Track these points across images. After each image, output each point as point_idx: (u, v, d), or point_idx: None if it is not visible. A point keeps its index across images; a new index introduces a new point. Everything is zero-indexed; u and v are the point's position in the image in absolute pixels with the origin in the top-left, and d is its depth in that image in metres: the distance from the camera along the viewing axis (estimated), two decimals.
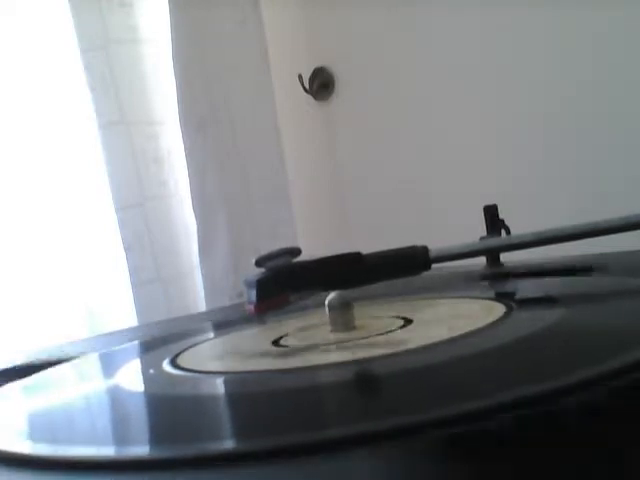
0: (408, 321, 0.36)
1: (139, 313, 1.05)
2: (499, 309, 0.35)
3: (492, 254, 0.55)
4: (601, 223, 0.46)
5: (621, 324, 0.30)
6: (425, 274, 0.48)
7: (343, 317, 0.36)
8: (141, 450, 0.23)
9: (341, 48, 1.17)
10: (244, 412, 0.26)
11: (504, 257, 0.55)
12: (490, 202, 0.57)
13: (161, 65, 1.09)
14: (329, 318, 0.36)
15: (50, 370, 0.40)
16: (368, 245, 0.49)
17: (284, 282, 0.44)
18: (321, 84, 1.18)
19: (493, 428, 0.19)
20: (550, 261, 0.53)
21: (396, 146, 1.10)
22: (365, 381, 0.28)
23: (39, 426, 0.29)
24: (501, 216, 0.57)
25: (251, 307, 0.45)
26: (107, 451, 0.23)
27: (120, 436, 0.25)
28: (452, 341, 0.30)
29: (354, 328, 0.36)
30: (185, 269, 1.11)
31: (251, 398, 0.27)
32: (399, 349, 0.30)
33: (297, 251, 0.46)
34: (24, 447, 0.24)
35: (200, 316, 0.68)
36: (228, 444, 0.23)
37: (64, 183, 1.05)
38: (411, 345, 0.30)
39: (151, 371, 0.35)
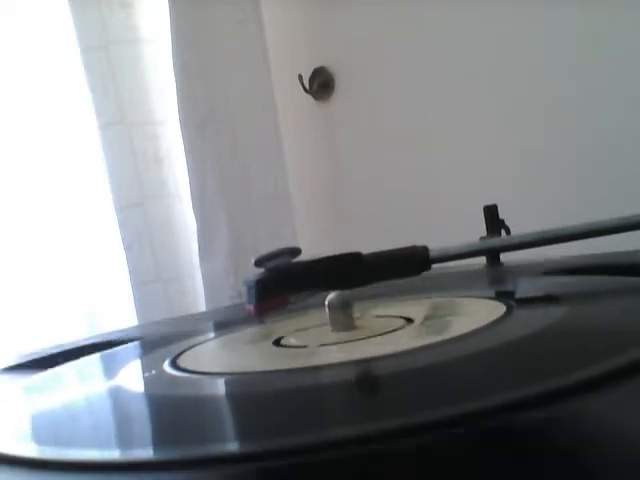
0: (408, 321, 0.36)
1: (139, 313, 1.05)
2: (499, 309, 0.35)
3: (492, 254, 0.55)
4: (601, 223, 0.46)
5: (621, 324, 0.30)
6: (425, 274, 0.48)
7: (343, 317, 0.36)
8: (143, 451, 0.23)
9: (341, 48, 1.17)
10: (245, 413, 0.26)
11: (504, 257, 0.55)
12: (490, 202, 0.57)
13: (161, 65, 1.09)
14: (329, 318, 0.36)
15: (51, 371, 0.40)
16: (368, 245, 0.49)
17: (284, 282, 0.44)
18: (321, 84, 1.18)
19: (493, 428, 0.19)
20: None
21: (396, 146, 1.10)
22: (365, 381, 0.28)
23: (40, 428, 0.29)
24: (501, 216, 0.57)
25: (251, 307, 0.45)
26: (108, 452, 0.23)
27: (122, 437, 0.25)
28: (452, 341, 0.30)
29: (354, 328, 0.36)
30: (185, 269, 1.11)
31: (252, 399, 0.27)
32: (399, 349, 0.30)
33: (297, 251, 0.46)
34: (26, 449, 0.24)
35: (200, 316, 0.68)
36: (229, 445, 0.23)
37: (64, 183, 1.05)
38: (411, 345, 0.30)
39: (152, 372, 0.35)
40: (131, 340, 0.47)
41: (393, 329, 0.34)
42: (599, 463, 0.16)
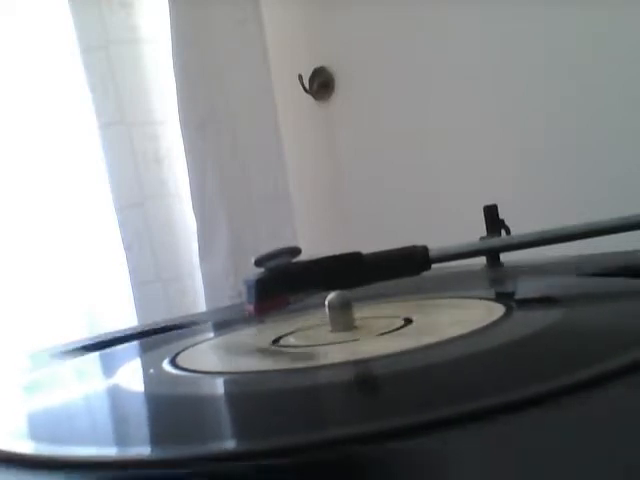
0: (408, 321, 0.36)
1: (139, 313, 1.05)
2: (499, 309, 0.35)
3: (492, 254, 0.55)
4: (601, 223, 0.46)
5: (621, 324, 0.30)
6: (425, 274, 0.48)
7: (343, 317, 0.36)
8: (141, 450, 0.23)
9: (341, 48, 1.16)
10: (244, 412, 0.26)
11: (504, 257, 0.55)
12: (490, 202, 0.57)
13: (161, 65, 1.09)
14: (329, 318, 0.36)
15: (51, 370, 0.40)
16: (368, 245, 0.49)
17: (284, 282, 0.44)
18: (321, 84, 1.18)
19: (492, 428, 0.19)
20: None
21: (396, 146, 1.10)
22: (365, 381, 0.28)
23: (39, 426, 0.29)
24: (501, 216, 0.57)
25: (251, 307, 0.45)
26: (107, 451, 0.23)
27: (120, 436, 0.25)
28: (452, 341, 0.30)
29: (354, 328, 0.36)
30: (185, 269, 1.11)
31: (251, 398, 0.27)
32: (399, 349, 0.30)
33: (297, 251, 0.46)
34: (24, 447, 0.24)
35: (200, 316, 0.68)
36: (228, 444, 0.23)
37: (64, 183, 1.05)
38: (411, 345, 0.30)
39: (151, 371, 0.35)
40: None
41: (393, 329, 0.34)
42: (599, 462, 0.16)
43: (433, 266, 0.48)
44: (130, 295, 1.06)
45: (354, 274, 0.45)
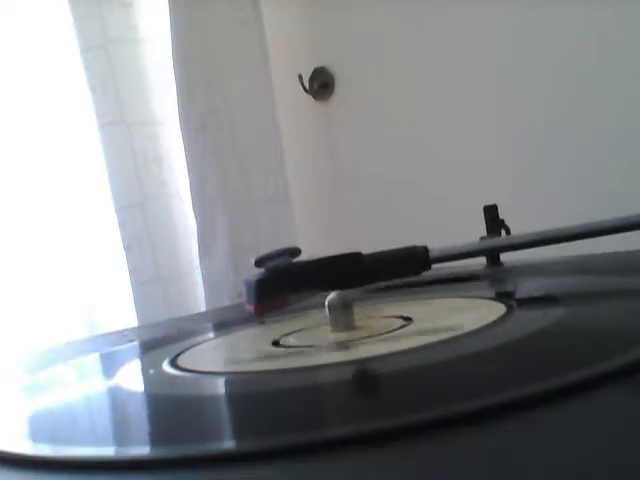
0: (408, 321, 0.36)
1: (139, 313, 1.05)
2: (499, 309, 0.35)
3: (492, 254, 0.55)
4: (601, 223, 0.46)
5: (621, 324, 0.30)
6: (425, 274, 0.48)
7: (343, 317, 0.36)
8: (141, 450, 0.23)
9: (341, 48, 1.17)
10: (244, 412, 0.26)
11: (504, 257, 0.55)
12: (490, 202, 0.57)
13: (161, 65, 1.09)
14: (329, 318, 0.36)
15: (50, 370, 0.40)
16: (368, 245, 0.49)
17: (284, 282, 0.44)
18: (321, 84, 1.18)
19: (493, 428, 0.19)
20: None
21: (396, 146, 1.10)
22: (365, 381, 0.28)
23: (39, 426, 0.29)
24: (501, 216, 0.57)
25: (251, 307, 0.45)
26: (107, 451, 0.23)
27: (120, 436, 0.25)
28: (452, 341, 0.30)
29: (354, 328, 0.36)
30: (185, 269, 1.11)
31: (251, 398, 0.27)
32: (399, 349, 0.30)
33: (297, 251, 0.46)
34: (25, 447, 0.24)
35: (200, 316, 0.68)
36: (228, 444, 0.23)
37: (64, 183, 1.05)
38: (411, 345, 0.30)
39: (151, 371, 0.35)
40: None
41: (393, 329, 0.34)
42: (599, 463, 0.16)
43: (433, 266, 0.48)
44: (130, 295, 1.06)
45: (354, 274, 0.45)
